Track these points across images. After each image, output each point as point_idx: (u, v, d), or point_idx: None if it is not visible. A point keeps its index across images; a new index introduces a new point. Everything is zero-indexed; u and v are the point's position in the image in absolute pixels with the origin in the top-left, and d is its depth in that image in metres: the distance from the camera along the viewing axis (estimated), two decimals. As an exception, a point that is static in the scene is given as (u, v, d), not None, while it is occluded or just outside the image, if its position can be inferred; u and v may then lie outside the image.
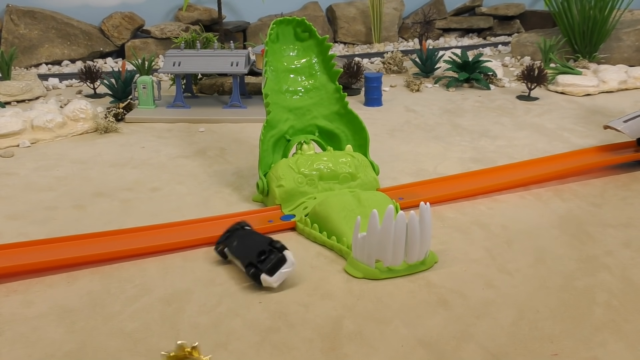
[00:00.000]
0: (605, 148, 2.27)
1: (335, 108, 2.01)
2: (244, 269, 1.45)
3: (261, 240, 1.47)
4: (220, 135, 2.59)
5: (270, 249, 1.42)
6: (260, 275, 1.40)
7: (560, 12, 3.70)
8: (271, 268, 1.40)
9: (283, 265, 1.40)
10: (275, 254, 1.41)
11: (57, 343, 1.24)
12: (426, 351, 1.21)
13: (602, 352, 1.21)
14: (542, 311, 1.34)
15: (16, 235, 1.70)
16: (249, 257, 1.44)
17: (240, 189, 2.01)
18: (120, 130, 2.64)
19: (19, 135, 2.46)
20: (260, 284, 1.41)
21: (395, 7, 4.86)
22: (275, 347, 1.22)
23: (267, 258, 1.41)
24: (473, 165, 2.21)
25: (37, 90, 3.19)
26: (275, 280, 1.39)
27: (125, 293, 1.42)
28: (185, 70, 2.87)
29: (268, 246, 1.43)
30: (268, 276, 1.39)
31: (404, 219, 1.42)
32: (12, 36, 3.86)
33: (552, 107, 3.01)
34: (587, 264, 1.54)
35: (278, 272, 1.39)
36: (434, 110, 2.96)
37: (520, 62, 4.09)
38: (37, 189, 2.02)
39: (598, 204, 1.89)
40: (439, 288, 1.43)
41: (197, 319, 1.31)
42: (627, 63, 3.69)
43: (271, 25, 1.94)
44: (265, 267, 1.40)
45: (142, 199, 1.95)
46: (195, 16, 4.28)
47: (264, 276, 1.39)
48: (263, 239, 1.47)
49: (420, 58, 3.65)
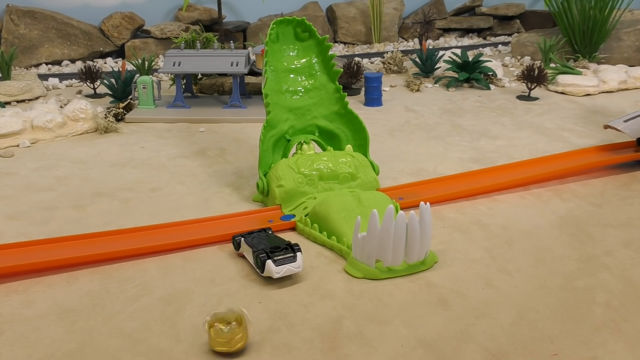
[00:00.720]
0: (605, 148, 2.27)
1: (336, 108, 2.01)
2: (253, 254, 1.47)
3: (280, 241, 1.51)
4: (220, 135, 2.59)
5: (287, 247, 1.46)
6: (267, 260, 1.41)
7: (560, 12, 3.70)
8: (280, 260, 1.42)
9: (291, 263, 1.42)
10: (289, 251, 1.44)
11: (57, 343, 1.24)
12: (426, 351, 1.21)
13: (602, 352, 1.21)
14: (542, 311, 1.34)
15: (16, 235, 1.70)
16: (263, 246, 1.47)
17: (240, 189, 2.01)
18: (120, 130, 2.64)
19: (19, 135, 2.46)
20: (262, 271, 1.42)
21: (395, 7, 4.86)
22: (275, 347, 1.22)
23: (280, 251, 1.44)
24: (473, 165, 2.21)
25: (37, 90, 3.19)
26: (278, 271, 1.41)
27: (125, 293, 1.42)
28: (185, 70, 2.87)
29: (285, 245, 1.47)
30: (273, 264, 1.41)
31: (404, 219, 1.42)
32: (12, 36, 3.86)
33: (552, 107, 3.01)
34: (587, 264, 1.54)
35: (284, 266, 1.41)
36: (434, 110, 2.96)
37: (520, 62, 4.09)
38: (37, 189, 2.02)
39: (598, 204, 1.89)
40: (439, 288, 1.43)
41: (197, 319, 1.31)
42: (627, 63, 3.69)
43: (271, 25, 1.94)
44: (274, 256, 1.42)
45: (142, 199, 1.95)
46: (195, 16, 4.28)
47: (269, 262, 1.41)
48: (283, 241, 1.50)
49: (420, 58, 3.65)
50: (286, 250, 1.45)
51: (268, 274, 1.42)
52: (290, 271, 1.42)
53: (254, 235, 1.56)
